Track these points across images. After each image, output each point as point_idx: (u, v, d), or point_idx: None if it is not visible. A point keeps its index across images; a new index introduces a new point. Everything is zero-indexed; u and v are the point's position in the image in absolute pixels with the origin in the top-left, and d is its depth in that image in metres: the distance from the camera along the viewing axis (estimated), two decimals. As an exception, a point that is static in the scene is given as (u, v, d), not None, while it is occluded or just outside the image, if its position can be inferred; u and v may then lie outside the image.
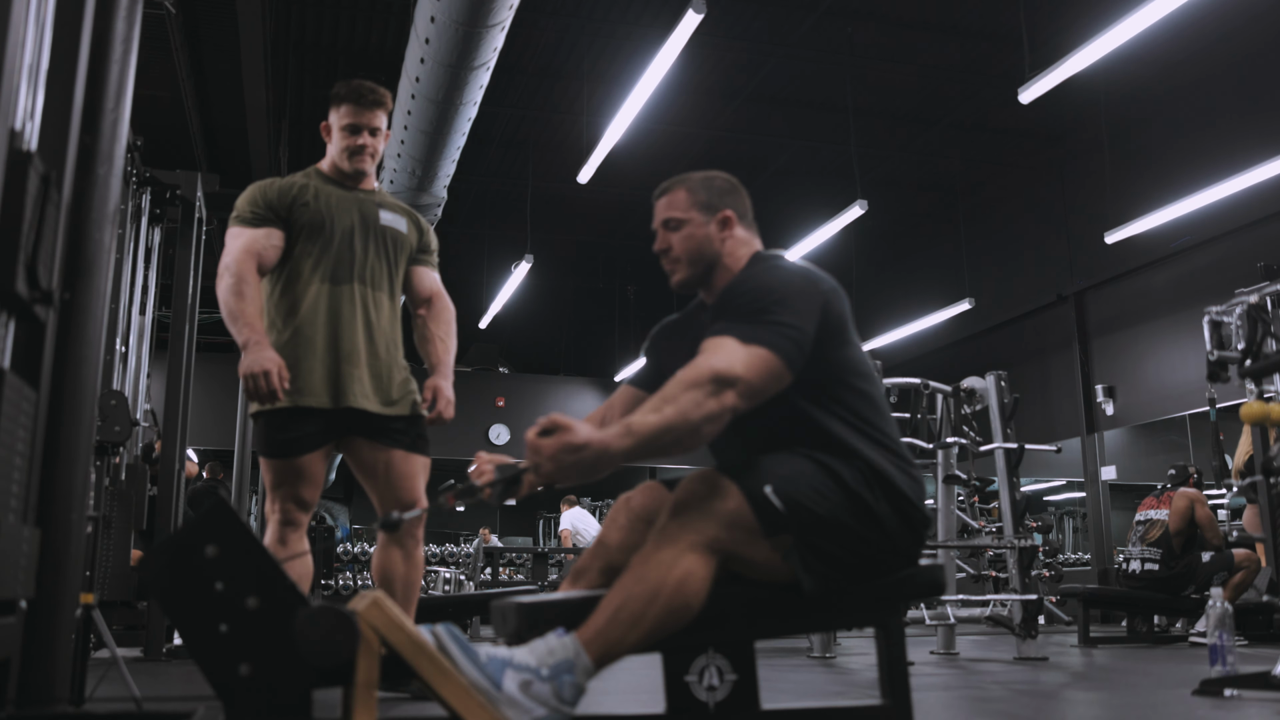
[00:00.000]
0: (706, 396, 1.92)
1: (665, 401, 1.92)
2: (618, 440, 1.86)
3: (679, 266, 2.34)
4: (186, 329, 5.99)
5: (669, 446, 1.91)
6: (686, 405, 1.90)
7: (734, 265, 2.32)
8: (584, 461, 1.85)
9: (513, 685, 1.84)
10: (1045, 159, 12.69)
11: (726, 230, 2.33)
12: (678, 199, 2.36)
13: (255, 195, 3.13)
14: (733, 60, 10.69)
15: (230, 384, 11.49)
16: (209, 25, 8.62)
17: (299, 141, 12.15)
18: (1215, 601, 3.86)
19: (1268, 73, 9.86)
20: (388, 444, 3.07)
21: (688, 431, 1.90)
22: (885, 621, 2.20)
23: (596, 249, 15.97)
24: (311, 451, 3.02)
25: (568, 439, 1.84)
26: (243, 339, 2.90)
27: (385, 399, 3.08)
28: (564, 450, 1.84)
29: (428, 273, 3.34)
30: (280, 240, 3.11)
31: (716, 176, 2.39)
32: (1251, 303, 3.85)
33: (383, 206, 3.25)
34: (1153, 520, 7.47)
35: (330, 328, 3.05)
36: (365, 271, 3.13)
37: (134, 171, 5.50)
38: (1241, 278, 4.26)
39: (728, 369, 1.95)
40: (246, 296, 2.96)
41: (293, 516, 3.03)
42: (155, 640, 5.31)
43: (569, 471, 1.85)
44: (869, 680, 4.27)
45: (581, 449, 1.84)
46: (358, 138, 3.19)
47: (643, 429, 1.88)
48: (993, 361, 8.01)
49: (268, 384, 2.83)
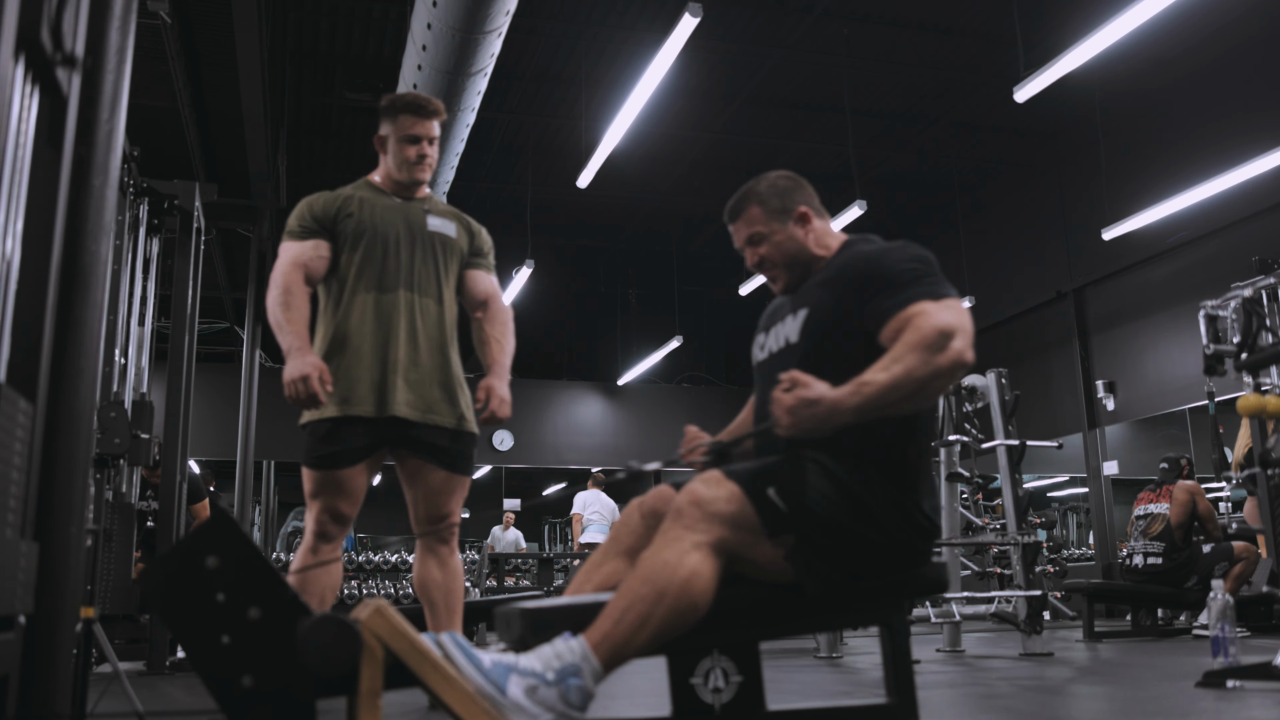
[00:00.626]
0: (934, 354, 2.01)
1: (894, 361, 2.01)
2: (849, 397, 1.98)
3: (779, 273, 2.42)
4: (186, 339, 5.98)
5: (898, 403, 2.01)
6: (914, 364, 2.00)
7: (826, 253, 2.41)
8: (817, 415, 1.97)
9: (518, 691, 1.83)
10: (1042, 157, 12.71)
11: (807, 225, 2.41)
12: (754, 215, 2.41)
13: (303, 209, 3.17)
14: (730, 62, 10.70)
15: (230, 394, 11.51)
16: (205, 35, 8.63)
17: (297, 150, 12.15)
18: (1217, 594, 3.86)
19: (1260, 68, 9.88)
20: (428, 459, 3.07)
21: (916, 388, 2.00)
22: (890, 620, 2.20)
23: (597, 253, 15.98)
24: (353, 465, 3.02)
25: (804, 394, 1.97)
26: (286, 347, 2.94)
27: (429, 408, 3.07)
28: (801, 404, 1.97)
29: (482, 275, 3.33)
30: (326, 251, 3.14)
31: (778, 178, 2.45)
32: (1246, 296, 3.85)
33: (431, 213, 3.25)
34: (1153, 514, 7.49)
35: (377, 336, 3.06)
36: (412, 279, 3.13)
37: (131, 182, 5.50)
38: (1237, 272, 4.27)
39: (945, 324, 2.04)
40: (292, 306, 3.00)
41: (327, 529, 3.02)
42: (158, 654, 5.30)
43: (805, 424, 1.98)
44: (875, 679, 4.27)
45: (816, 403, 1.97)
46: (419, 147, 3.19)
47: (871, 387, 1.98)
48: (993, 359, 8.00)
49: (307, 388, 2.84)
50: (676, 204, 14.10)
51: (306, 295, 3.07)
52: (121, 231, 5.26)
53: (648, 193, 13.63)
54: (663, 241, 15.36)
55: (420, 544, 3.16)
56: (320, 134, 12.08)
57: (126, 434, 3.82)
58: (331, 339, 3.09)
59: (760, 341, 2.47)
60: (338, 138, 12.14)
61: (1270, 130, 9.07)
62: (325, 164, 12.82)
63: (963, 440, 6.40)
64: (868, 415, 1.99)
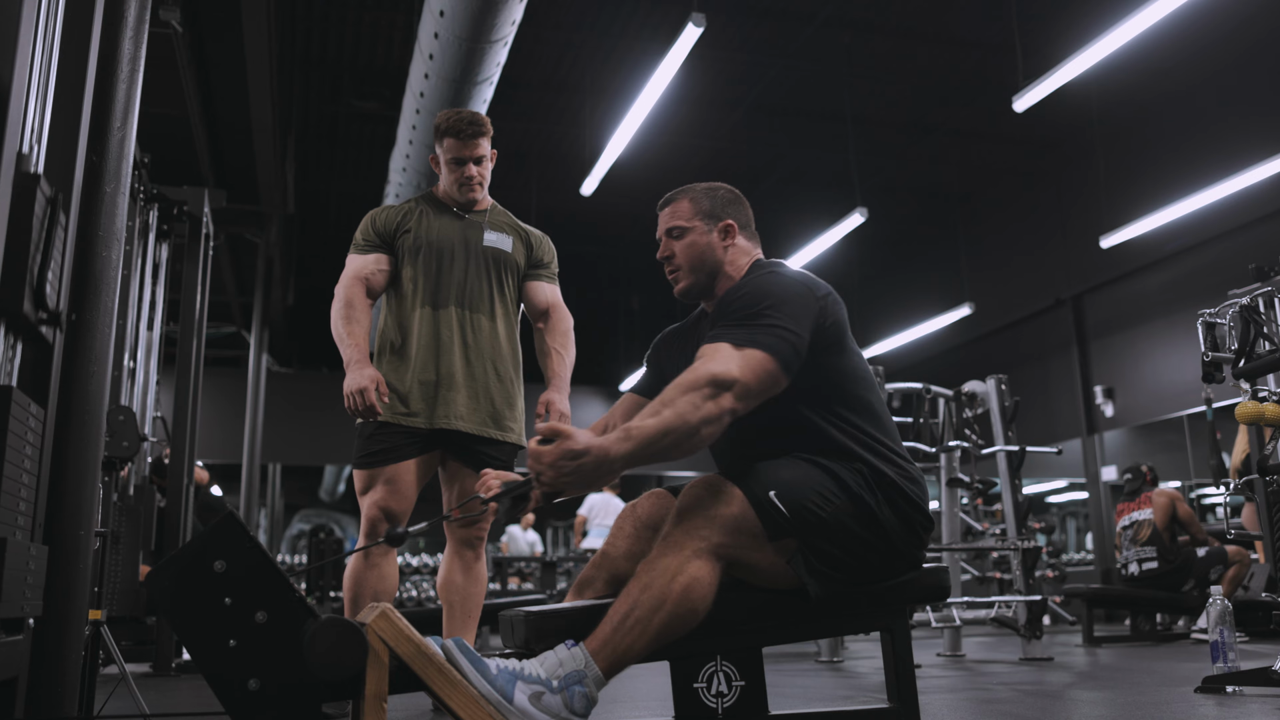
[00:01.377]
0: (704, 400, 1.94)
1: (664, 405, 1.94)
2: (617, 445, 1.89)
3: (681, 274, 2.38)
4: (194, 344, 6.01)
5: (668, 450, 1.93)
6: (684, 408, 1.93)
7: (735, 274, 2.36)
8: (585, 468, 1.87)
9: (523, 697, 1.85)
10: (1040, 165, 12.74)
11: (728, 239, 2.37)
12: (681, 208, 2.40)
13: (366, 224, 3.25)
14: (732, 72, 10.74)
15: (237, 398, 11.54)
16: (215, 43, 8.67)
17: (305, 157, 12.19)
18: (1215, 599, 3.87)
19: (1256, 78, 9.92)
20: (472, 464, 3.12)
21: (686, 434, 1.92)
22: (891, 625, 2.22)
23: (600, 260, 16.00)
24: (400, 461, 3.07)
25: (567, 445, 1.86)
26: (346, 358, 3.01)
27: (481, 421, 3.13)
28: (564, 456, 1.86)
29: (543, 286, 3.38)
30: (387, 265, 3.22)
31: (720, 187, 2.44)
32: (1244, 304, 3.86)
33: (490, 227, 3.31)
34: (1139, 521, 7.59)
35: (430, 351, 3.13)
36: (464, 295, 3.19)
37: (141, 188, 5.53)
38: (1234, 279, 4.28)
39: (724, 372, 1.97)
40: (353, 319, 3.08)
41: (378, 528, 3.06)
42: (164, 656, 5.31)
43: (571, 479, 1.88)
44: (877, 683, 4.28)
45: (582, 455, 1.86)
46: (465, 169, 3.25)
47: (641, 433, 1.90)
48: (993, 365, 8.02)
49: (364, 400, 2.91)
50: (680, 211, 14.10)
51: (368, 308, 3.16)
52: (131, 237, 5.30)
53: (651, 200, 13.47)
54: (666, 251, 15.36)
55: (449, 546, 3.20)
56: (328, 141, 12.12)
57: (135, 437, 3.85)
58: (390, 351, 3.17)
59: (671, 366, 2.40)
60: (345, 145, 12.18)
61: (1266, 139, 9.10)
62: (333, 171, 12.86)
63: (963, 446, 6.42)
64: (640, 462, 1.92)
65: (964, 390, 6.59)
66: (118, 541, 4.75)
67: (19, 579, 1.85)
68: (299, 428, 14.56)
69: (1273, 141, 8.92)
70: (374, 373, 2.96)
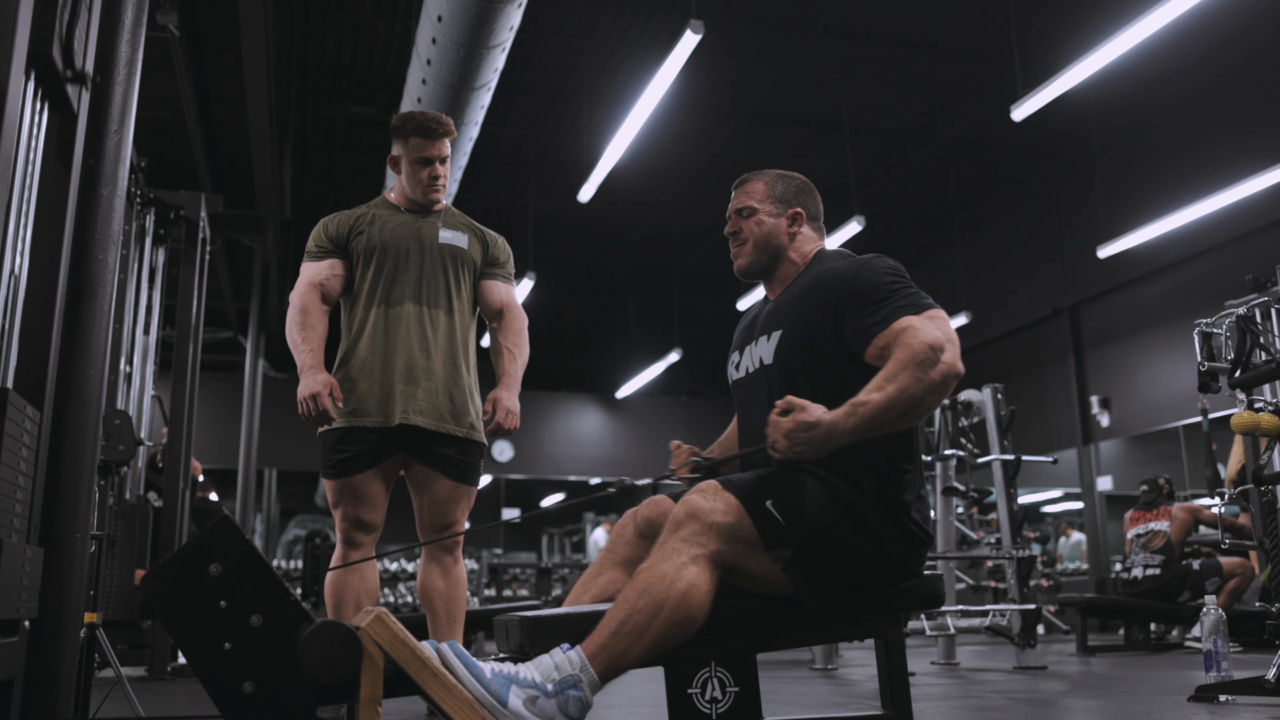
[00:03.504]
0: (926, 370, 2.03)
1: (888, 380, 2.03)
2: (846, 419, 2.00)
3: (744, 250, 2.45)
4: (190, 349, 6.00)
5: (894, 421, 2.03)
6: (907, 381, 2.02)
7: (799, 260, 2.43)
8: (815, 439, 1.99)
9: (518, 701, 1.85)
10: (1038, 175, 12.77)
11: (795, 226, 2.44)
12: (754, 189, 2.48)
13: (319, 230, 3.26)
14: (731, 79, 10.75)
15: (233, 403, 11.54)
16: (212, 47, 8.67)
17: (302, 162, 12.19)
18: (1210, 608, 3.88)
19: (1254, 89, 9.95)
20: (434, 467, 3.12)
21: (911, 405, 2.03)
22: (885, 633, 2.22)
23: (598, 267, 16.01)
24: (363, 471, 3.07)
25: (802, 417, 1.99)
26: (300, 364, 3.02)
27: (439, 417, 3.11)
28: (799, 428, 1.98)
29: (498, 285, 3.36)
30: (342, 270, 3.22)
31: (795, 176, 2.52)
32: (1240, 314, 3.88)
33: (445, 225, 3.30)
34: (1154, 530, 7.57)
35: (385, 348, 3.12)
36: (421, 291, 3.18)
37: (138, 192, 5.53)
38: (1232, 289, 4.29)
39: (933, 339, 2.06)
40: (307, 325, 3.09)
41: (352, 537, 3.09)
42: (160, 659, 5.30)
43: (803, 449, 2.00)
44: (870, 691, 4.28)
45: (814, 426, 1.99)
46: (431, 169, 3.25)
47: (868, 407, 2.01)
48: (989, 374, 8.04)
49: (317, 405, 2.93)
50: (677, 219, 14.14)
51: (324, 314, 3.16)
52: (128, 241, 5.29)
53: (648, 207, 13.67)
54: (663, 255, 15.39)
55: (425, 552, 3.19)
56: (325, 147, 12.12)
57: (131, 441, 3.85)
58: (344, 354, 3.17)
59: (735, 360, 2.49)
60: (342, 150, 12.19)
61: (1264, 150, 9.13)
62: (330, 176, 12.86)
63: (958, 455, 6.43)
64: (865, 435, 2.02)
65: (960, 399, 6.61)
66: (113, 545, 4.75)
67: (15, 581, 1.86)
68: (295, 433, 14.49)
69: (1270, 153, 8.94)
70: (326, 377, 2.98)
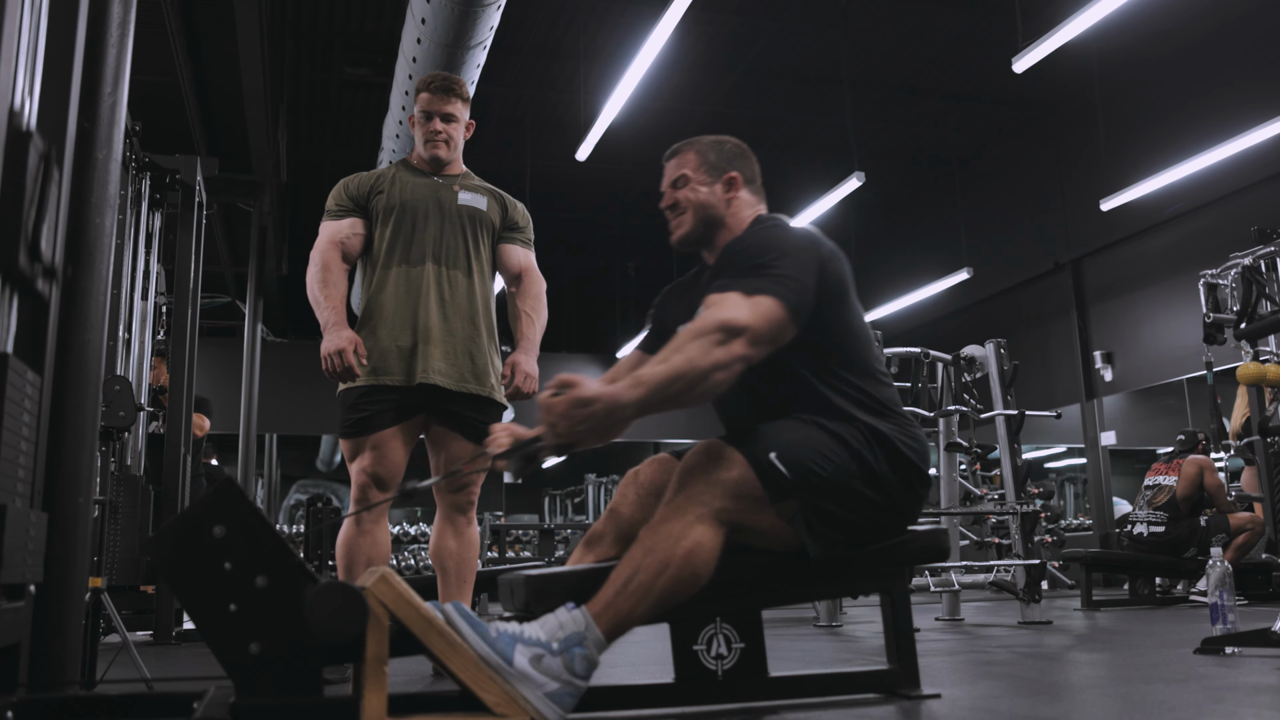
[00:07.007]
0: (715, 345, 1.94)
1: (674, 351, 1.95)
2: (628, 392, 1.89)
3: (682, 221, 2.42)
4: (188, 314, 5.98)
5: (679, 395, 1.92)
6: (694, 353, 1.93)
7: (736, 226, 2.38)
8: (595, 416, 1.86)
9: (524, 660, 1.85)
10: (1040, 128, 12.68)
11: (731, 191, 2.39)
12: (687, 159, 2.43)
13: (339, 190, 3.27)
14: (728, 35, 10.65)
15: (232, 368, 11.53)
16: (205, 10, 8.58)
17: (297, 125, 12.12)
18: (1215, 561, 3.88)
19: (1258, 38, 9.84)
20: (454, 428, 3.13)
21: (697, 379, 1.92)
22: (890, 588, 2.23)
23: (596, 226, 15.94)
24: (384, 429, 3.07)
25: (577, 394, 1.86)
26: (323, 320, 3.03)
27: (459, 377, 3.13)
28: (575, 405, 1.86)
29: (516, 249, 3.36)
30: (362, 229, 3.23)
31: (727, 140, 2.46)
32: (1245, 265, 3.86)
33: (464, 188, 3.30)
34: (1160, 485, 7.57)
35: (406, 307, 3.12)
36: (440, 251, 3.18)
37: (133, 156, 5.48)
38: (1235, 241, 4.28)
39: (735, 318, 1.98)
40: (329, 283, 3.10)
41: (368, 496, 3.07)
42: (164, 624, 5.33)
43: (584, 429, 1.87)
44: (875, 647, 4.30)
45: (592, 403, 1.86)
46: (431, 124, 3.25)
47: (652, 379, 1.90)
48: (992, 329, 8.00)
49: (341, 361, 2.94)
50: (676, 177, 14.06)
51: (344, 272, 3.17)
52: (124, 206, 5.26)
53: (646, 165, 13.54)
54: (661, 214, 15.24)
55: (439, 512, 3.20)
56: (320, 109, 12.04)
57: (132, 407, 3.84)
58: (365, 312, 3.17)
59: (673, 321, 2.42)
60: (338, 113, 12.11)
61: (1267, 100, 9.05)
62: (325, 139, 12.78)
63: (961, 410, 6.43)
64: (651, 410, 1.92)
65: (963, 354, 6.59)
66: (116, 511, 4.75)
67: (20, 546, 1.85)
68: (295, 398, 14.56)
69: (1274, 103, 8.86)
70: (351, 334, 2.99)
